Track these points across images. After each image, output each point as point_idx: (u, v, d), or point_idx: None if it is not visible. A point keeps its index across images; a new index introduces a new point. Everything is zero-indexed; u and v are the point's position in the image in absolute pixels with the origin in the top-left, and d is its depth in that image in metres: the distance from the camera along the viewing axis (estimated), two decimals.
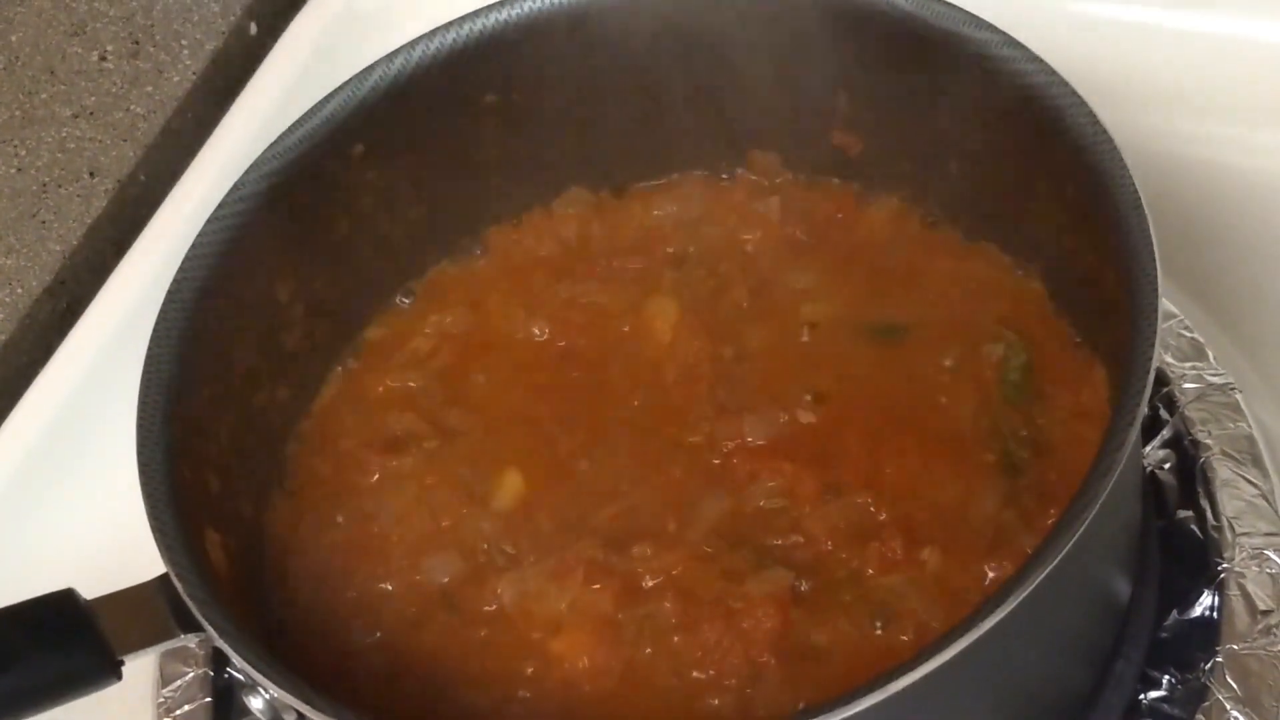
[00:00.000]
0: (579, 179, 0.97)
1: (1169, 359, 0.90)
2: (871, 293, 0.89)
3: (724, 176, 0.97)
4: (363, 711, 0.67)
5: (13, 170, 1.14)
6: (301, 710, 0.68)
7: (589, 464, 0.85)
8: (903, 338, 0.86)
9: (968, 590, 0.76)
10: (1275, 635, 0.79)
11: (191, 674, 0.89)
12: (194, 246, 0.83)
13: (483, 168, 0.94)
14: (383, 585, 0.83)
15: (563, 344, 0.91)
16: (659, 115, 0.94)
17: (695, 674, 0.76)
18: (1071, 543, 0.64)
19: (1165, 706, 0.80)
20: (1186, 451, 0.87)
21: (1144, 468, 0.86)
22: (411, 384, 0.91)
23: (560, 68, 0.91)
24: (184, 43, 1.23)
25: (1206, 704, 0.79)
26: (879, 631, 0.75)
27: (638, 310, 0.91)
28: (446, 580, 0.82)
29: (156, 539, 0.73)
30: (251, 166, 0.85)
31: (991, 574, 0.76)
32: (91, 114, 1.18)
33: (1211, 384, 0.89)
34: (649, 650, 0.77)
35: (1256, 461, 0.85)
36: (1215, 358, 0.90)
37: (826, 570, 0.78)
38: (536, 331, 0.91)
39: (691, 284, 0.91)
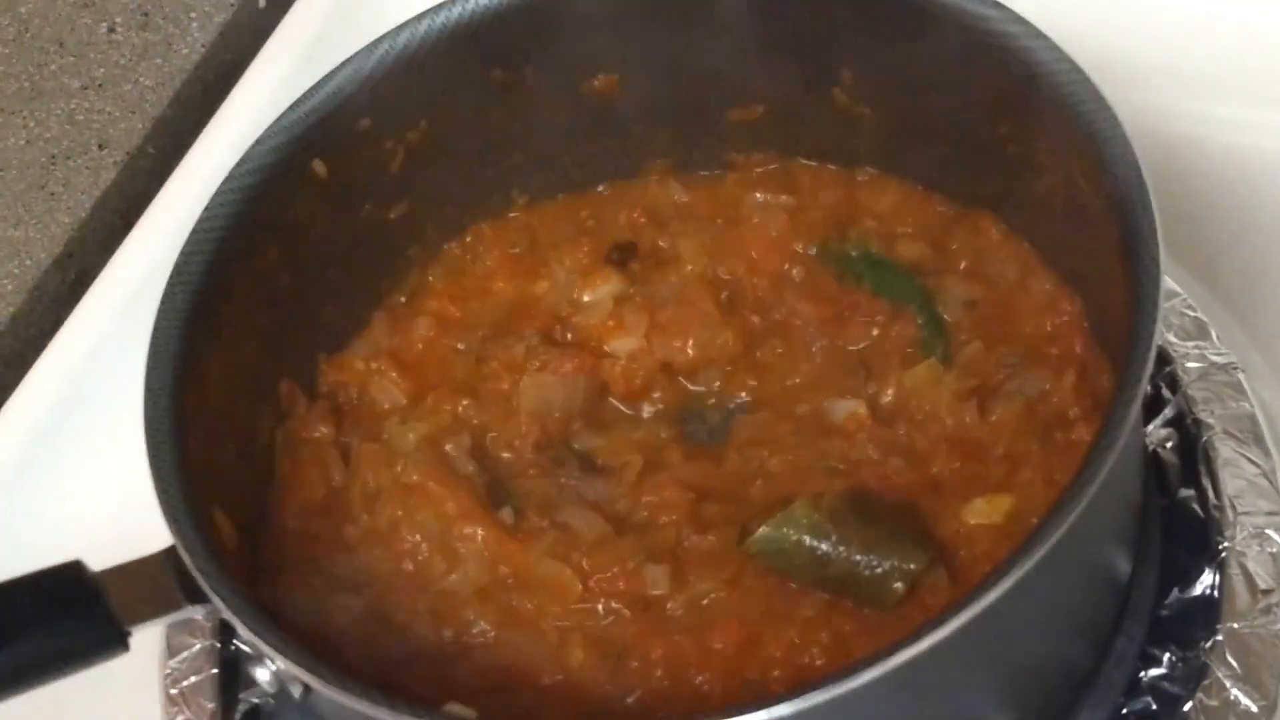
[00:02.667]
0: (591, 161, 0.97)
1: (1171, 338, 0.90)
2: None
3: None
4: (367, 682, 0.68)
5: (21, 142, 1.14)
6: (308, 681, 0.69)
7: None
8: None
9: None
10: (1276, 614, 0.80)
11: (198, 645, 0.89)
12: (202, 219, 0.83)
13: (491, 145, 0.94)
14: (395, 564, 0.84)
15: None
16: (670, 91, 0.94)
17: None
18: (1072, 519, 0.65)
19: (1166, 684, 0.80)
20: (1188, 430, 0.87)
21: (1146, 446, 0.87)
22: (395, 374, 0.91)
23: (571, 41, 0.91)
24: (193, 15, 1.23)
25: (1207, 682, 0.79)
26: None
27: None
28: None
29: (163, 511, 0.73)
30: (258, 140, 0.86)
31: None
32: (100, 86, 1.18)
33: (1214, 363, 0.89)
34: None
35: (1258, 441, 0.85)
36: (1218, 337, 0.90)
37: None
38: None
39: None
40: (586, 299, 0.91)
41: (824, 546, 0.77)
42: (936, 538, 0.78)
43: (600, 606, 0.79)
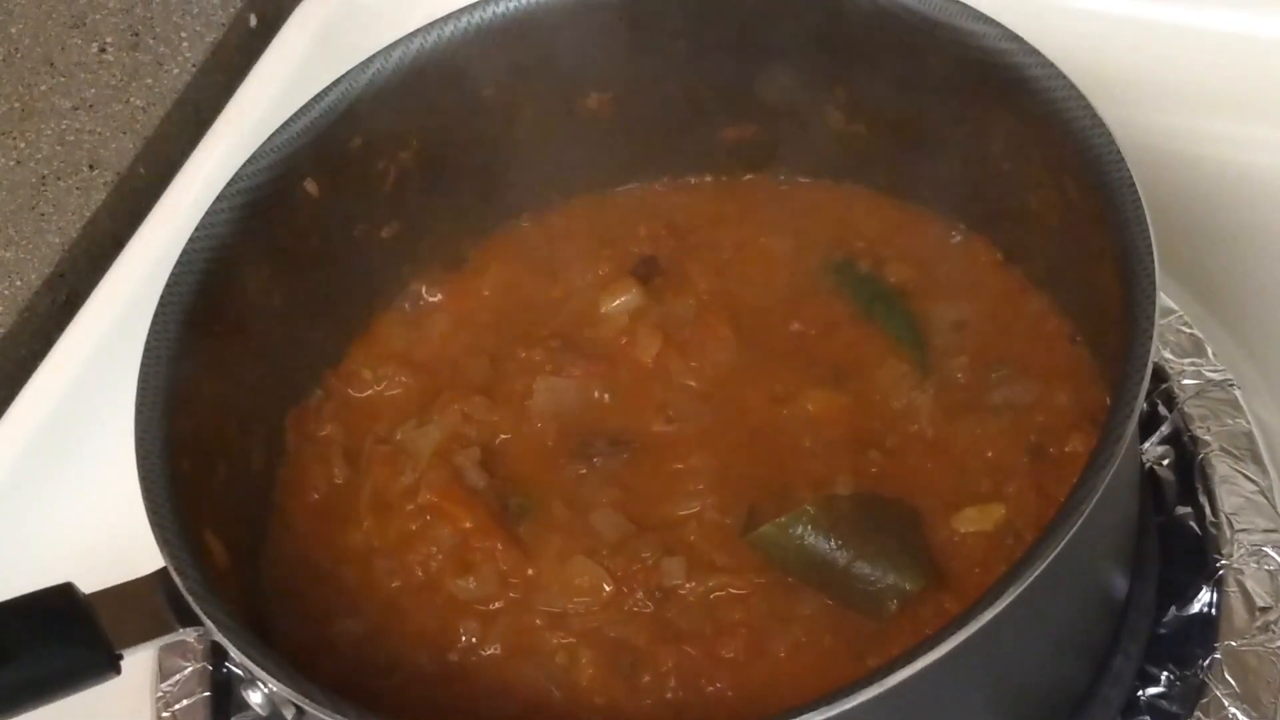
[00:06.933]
0: (582, 178, 0.97)
1: (1168, 355, 0.90)
2: None
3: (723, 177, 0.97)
4: (360, 705, 0.68)
5: (12, 162, 1.14)
6: (301, 704, 0.69)
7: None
8: None
9: None
10: (1274, 632, 0.80)
11: (190, 668, 0.89)
12: (193, 239, 0.83)
13: (484, 163, 0.94)
14: (379, 578, 0.84)
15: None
16: (664, 110, 0.94)
17: None
18: (1069, 537, 0.64)
19: (1163, 703, 0.80)
20: (1185, 448, 0.87)
21: (1142, 463, 0.86)
22: (405, 379, 0.91)
23: (563, 61, 0.91)
24: (183, 35, 1.23)
25: (1205, 700, 0.79)
26: None
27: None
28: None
29: (155, 533, 0.73)
30: (250, 159, 0.85)
31: None
32: (91, 106, 1.18)
33: (1210, 380, 0.89)
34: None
35: (1255, 458, 0.85)
36: (1214, 354, 0.90)
37: None
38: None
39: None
40: (603, 310, 0.92)
41: (827, 553, 0.78)
42: (933, 547, 0.78)
43: (625, 603, 0.80)
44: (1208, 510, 0.84)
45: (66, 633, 0.72)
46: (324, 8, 1.22)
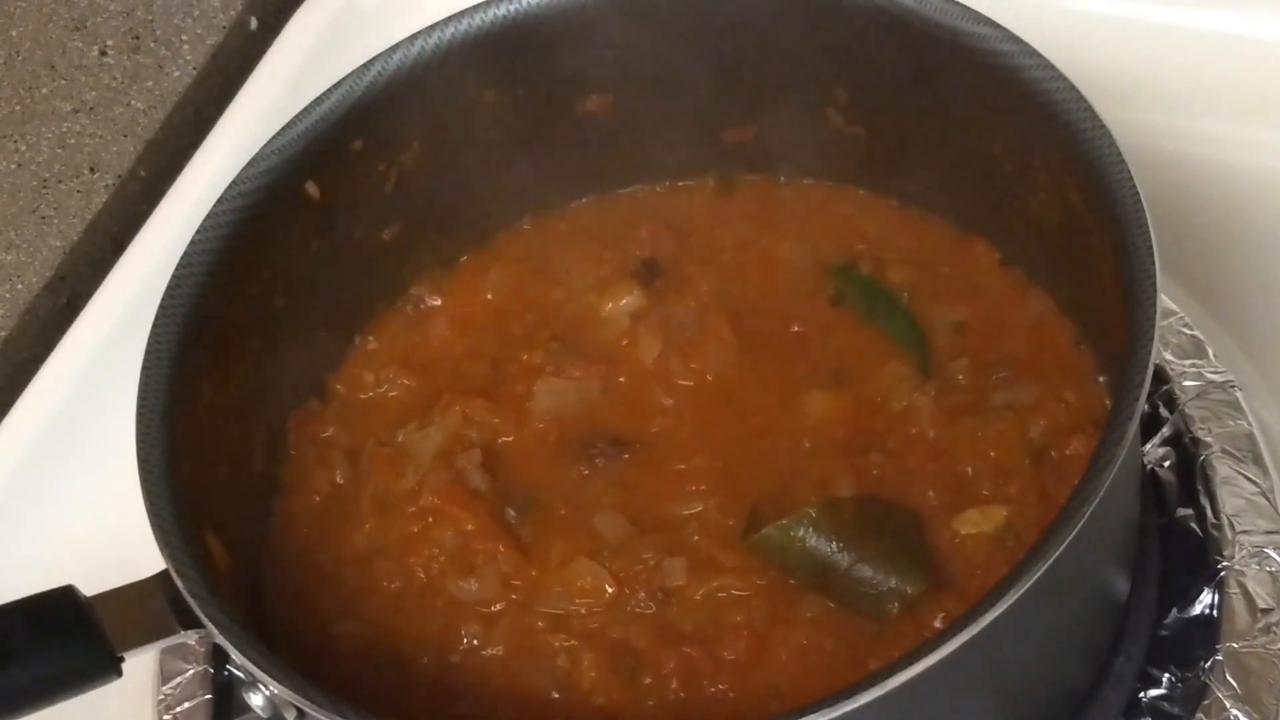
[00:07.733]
0: (582, 181, 0.97)
1: (1169, 356, 0.90)
2: None
3: (724, 179, 0.97)
4: (361, 707, 0.68)
5: (13, 165, 1.14)
6: (302, 706, 0.69)
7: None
8: None
9: None
10: (1275, 633, 0.79)
11: (191, 671, 0.89)
12: (194, 242, 0.83)
13: (484, 166, 0.94)
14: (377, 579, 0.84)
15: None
16: (664, 111, 0.94)
17: None
18: (1070, 538, 0.64)
19: (1165, 704, 0.80)
20: (1186, 449, 0.87)
21: (1143, 465, 0.86)
22: (406, 381, 0.91)
23: (564, 63, 0.91)
24: (184, 38, 1.23)
25: (1206, 702, 0.79)
26: None
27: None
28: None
29: (156, 536, 0.73)
30: (250, 162, 0.86)
31: None
32: (92, 109, 1.18)
33: (1211, 381, 0.89)
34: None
35: (1257, 459, 0.85)
36: (1215, 355, 0.90)
37: None
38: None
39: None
40: (604, 312, 0.92)
41: (828, 555, 0.78)
42: (934, 549, 0.78)
43: (627, 605, 0.80)
44: (1209, 512, 0.84)
45: (68, 635, 0.72)
46: (324, 11, 1.22)
